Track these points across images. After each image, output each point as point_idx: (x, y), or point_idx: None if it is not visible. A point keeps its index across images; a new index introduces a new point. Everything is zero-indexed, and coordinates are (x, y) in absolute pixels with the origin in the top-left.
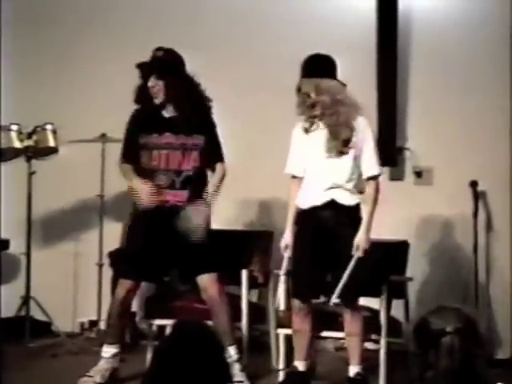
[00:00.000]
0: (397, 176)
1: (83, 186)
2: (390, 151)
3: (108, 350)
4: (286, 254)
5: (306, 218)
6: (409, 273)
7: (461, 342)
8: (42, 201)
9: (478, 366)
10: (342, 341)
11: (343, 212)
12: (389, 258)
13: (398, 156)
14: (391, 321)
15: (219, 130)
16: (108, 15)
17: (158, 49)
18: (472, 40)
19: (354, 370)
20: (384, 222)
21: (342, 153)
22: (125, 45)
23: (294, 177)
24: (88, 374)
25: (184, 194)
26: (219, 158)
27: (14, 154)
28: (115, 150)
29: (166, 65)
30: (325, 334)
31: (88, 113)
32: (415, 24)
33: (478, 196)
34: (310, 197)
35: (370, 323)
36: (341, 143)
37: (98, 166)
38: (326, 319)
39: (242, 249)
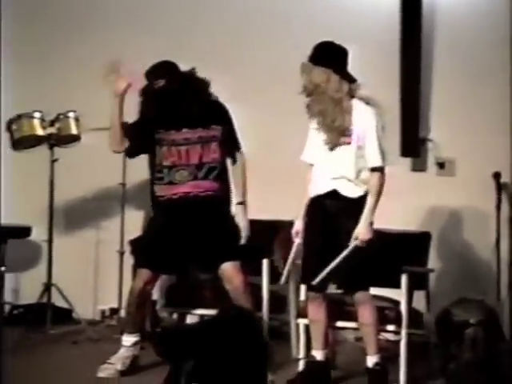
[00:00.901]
0: (419, 167)
1: (105, 173)
2: (413, 142)
3: (128, 339)
4: (297, 241)
5: (313, 207)
6: (430, 264)
7: (484, 334)
8: (64, 188)
9: (501, 358)
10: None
11: (345, 203)
12: (407, 248)
13: (420, 147)
14: (412, 312)
15: (237, 123)
16: None
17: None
18: (497, 29)
19: (372, 359)
20: (406, 213)
21: (339, 144)
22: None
23: (311, 165)
24: (109, 361)
25: (206, 185)
26: (238, 146)
27: (36, 141)
28: None
29: (163, 65)
30: (340, 324)
31: (110, 101)
32: (439, 13)
33: (501, 187)
34: (316, 186)
35: (390, 314)
36: (336, 134)
37: (120, 155)
38: (341, 309)
39: (264, 238)
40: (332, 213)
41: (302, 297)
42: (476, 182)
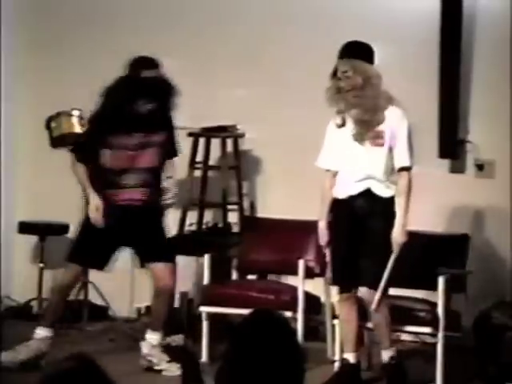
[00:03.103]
0: (458, 169)
1: None
2: (451, 143)
3: (40, 332)
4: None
5: (342, 208)
6: (469, 266)
7: None
8: None
9: None
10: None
11: (377, 202)
12: (446, 250)
13: (459, 148)
14: (451, 314)
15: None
16: None
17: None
18: None
19: (387, 353)
20: (444, 215)
21: (368, 140)
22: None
23: (327, 170)
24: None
25: (145, 192)
26: (176, 153)
27: (75, 139)
28: None
29: (153, 58)
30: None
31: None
32: (479, 14)
33: None
34: (346, 187)
35: (427, 316)
36: (367, 129)
37: None
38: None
39: (298, 239)
40: (363, 213)
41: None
42: None
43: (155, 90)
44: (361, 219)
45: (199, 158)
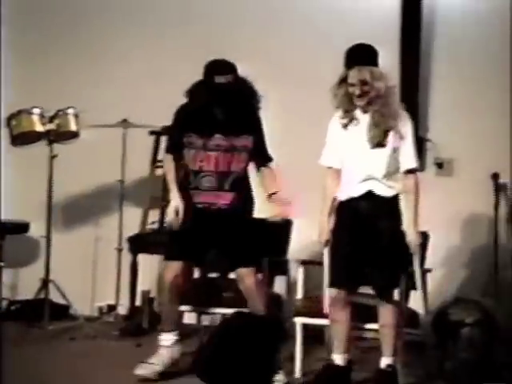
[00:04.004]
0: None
1: (104, 170)
2: None
3: (167, 338)
4: (327, 248)
5: (345, 209)
6: (428, 264)
7: (480, 333)
8: (62, 184)
9: (497, 357)
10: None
11: (381, 203)
12: (407, 249)
13: (419, 147)
14: (409, 312)
15: (267, 128)
16: None
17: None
18: (496, 30)
19: (385, 361)
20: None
21: (381, 144)
22: (150, 28)
23: (329, 167)
24: (149, 360)
25: (231, 196)
26: (268, 158)
27: (35, 137)
28: (136, 135)
29: (229, 62)
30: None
31: (110, 97)
32: (439, 17)
33: (499, 188)
34: (348, 188)
35: None
36: (382, 133)
37: (118, 151)
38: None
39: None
40: (366, 214)
41: (299, 296)
42: (474, 183)
43: (230, 95)
44: (364, 221)
45: (161, 156)
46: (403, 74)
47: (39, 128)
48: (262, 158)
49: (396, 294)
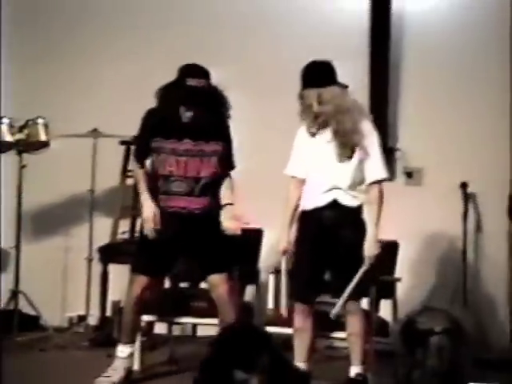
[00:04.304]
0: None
1: (74, 180)
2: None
3: (124, 350)
4: (285, 257)
5: (308, 219)
6: (398, 273)
7: (449, 342)
8: (32, 194)
9: (465, 366)
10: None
11: (345, 212)
12: (378, 258)
13: (388, 156)
14: (379, 320)
15: (235, 136)
16: (102, 7)
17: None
18: (464, 41)
19: (355, 370)
20: None
21: (350, 158)
22: (121, 40)
23: (293, 177)
24: (104, 374)
25: (202, 201)
26: (234, 164)
27: (5, 147)
28: (106, 145)
29: (202, 67)
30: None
31: (80, 107)
32: (408, 25)
33: (468, 197)
34: (313, 198)
35: None
36: (350, 150)
37: (89, 161)
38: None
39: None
40: (330, 224)
41: (270, 305)
42: (443, 192)
43: (201, 99)
44: (328, 231)
45: (131, 166)
46: (372, 84)
47: (8, 138)
48: (225, 165)
49: (365, 304)
